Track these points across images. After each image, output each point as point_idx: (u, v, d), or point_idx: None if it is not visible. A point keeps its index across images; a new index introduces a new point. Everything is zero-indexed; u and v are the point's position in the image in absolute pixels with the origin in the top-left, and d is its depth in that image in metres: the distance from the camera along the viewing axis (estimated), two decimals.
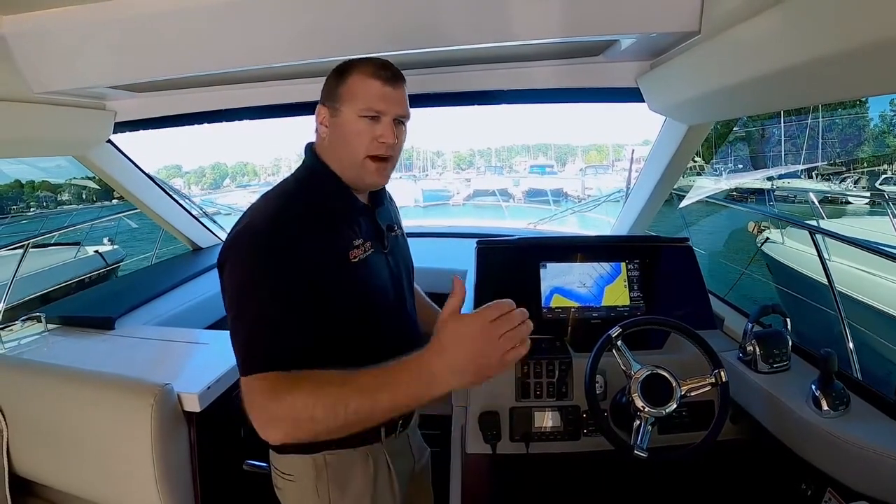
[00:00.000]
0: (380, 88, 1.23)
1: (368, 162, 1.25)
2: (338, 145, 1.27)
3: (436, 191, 21.31)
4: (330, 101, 1.26)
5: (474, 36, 1.68)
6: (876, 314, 5.45)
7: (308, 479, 1.35)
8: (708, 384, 1.49)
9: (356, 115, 1.23)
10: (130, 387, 1.62)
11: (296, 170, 1.35)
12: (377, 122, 1.24)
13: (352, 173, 1.29)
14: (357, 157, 1.25)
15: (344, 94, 1.24)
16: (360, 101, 1.22)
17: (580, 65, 2.11)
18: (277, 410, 1.04)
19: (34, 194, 42.52)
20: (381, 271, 1.35)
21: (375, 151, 1.25)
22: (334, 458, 1.35)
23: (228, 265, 1.16)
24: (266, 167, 69.05)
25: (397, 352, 1.24)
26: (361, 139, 1.23)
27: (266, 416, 1.05)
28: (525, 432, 1.73)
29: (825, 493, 1.45)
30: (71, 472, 1.74)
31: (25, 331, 2.27)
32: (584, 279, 1.97)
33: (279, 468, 1.40)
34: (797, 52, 1.16)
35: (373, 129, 1.23)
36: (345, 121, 1.24)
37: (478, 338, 0.99)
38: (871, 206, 14.05)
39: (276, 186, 1.31)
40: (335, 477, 1.35)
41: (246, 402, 1.07)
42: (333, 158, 1.29)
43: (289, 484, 1.39)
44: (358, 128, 1.23)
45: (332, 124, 1.27)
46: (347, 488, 1.37)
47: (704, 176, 18.84)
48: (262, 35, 1.74)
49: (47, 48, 1.82)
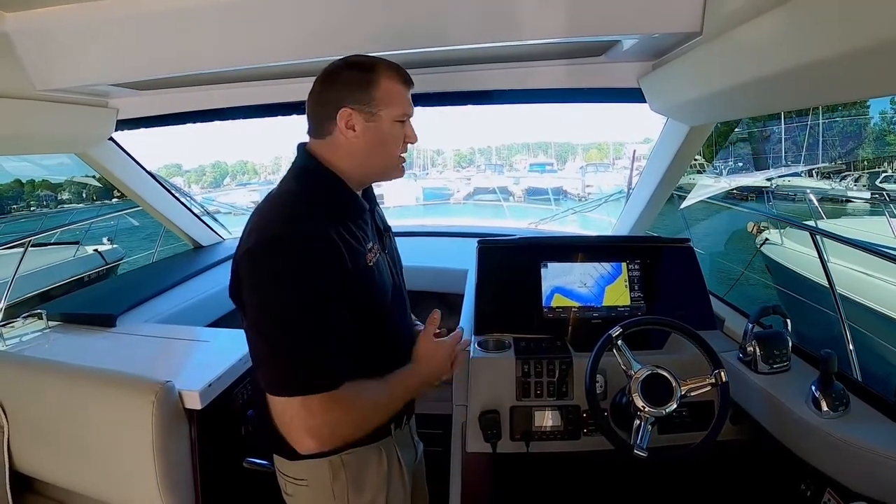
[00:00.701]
0: (407, 93, 1.30)
1: (400, 160, 1.34)
2: (371, 148, 1.27)
3: (436, 189, 21.27)
4: (362, 105, 1.24)
5: (477, 36, 1.69)
6: (874, 315, 5.45)
7: (323, 481, 1.35)
8: (708, 384, 1.49)
9: (393, 119, 1.26)
10: (132, 384, 1.62)
11: (295, 173, 1.31)
12: (404, 125, 1.31)
13: (377, 174, 1.34)
14: (392, 160, 1.32)
15: (380, 98, 1.24)
16: (397, 107, 1.26)
17: (582, 65, 2.12)
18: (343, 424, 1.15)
19: (34, 193, 42.51)
20: (386, 273, 1.35)
21: (404, 152, 1.34)
22: (351, 457, 1.35)
23: (253, 279, 1.14)
24: (266, 165, 68.95)
25: (398, 350, 1.31)
26: (397, 142, 1.30)
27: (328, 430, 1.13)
28: (525, 431, 1.73)
29: (824, 493, 1.46)
30: (72, 469, 1.74)
31: (27, 328, 2.27)
32: (584, 279, 1.97)
33: (290, 475, 1.39)
34: (799, 53, 1.16)
35: (403, 132, 1.31)
36: (383, 125, 1.26)
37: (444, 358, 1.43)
38: (872, 206, 14.05)
39: (282, 192, 1.27)
40: (353, 475, 1.35)
41: (297, 419, 1.10)
42: (355, 161, 1.28)
43: (301, 489, 1.38)
44: (395, 132, 1.28)
45: (366, 128, 1.25)
46: (365, 485, 1.37)
47: (705, 174, 18.82)
48: (265, 34, 1.74)
49: (50, 45, 1.82)
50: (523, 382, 1.74)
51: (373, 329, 1.30)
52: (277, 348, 1.11)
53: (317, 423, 1.09)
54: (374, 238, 1.33)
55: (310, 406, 1.09)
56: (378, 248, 1.33)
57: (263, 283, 1.12)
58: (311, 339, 1.10)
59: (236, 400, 1.87)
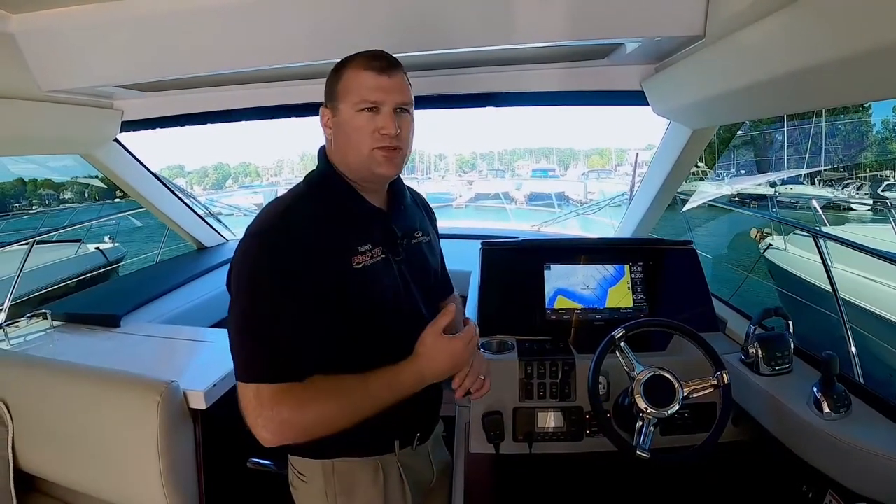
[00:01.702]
0: (374, 79, 1.20)
1: (377, 152, 1.22)
2: (342, 144, 1.24)
3: (438, 193, 21.29)
4: (330, 101, 1.25)
5: (481, 39, 1.70)
6: (876, 319, 5.45)
7: (319, 482, 1.35)
8: (710, 386, 1.49)
9: (353, 109, 1.20)
10: (136, 384, 1.63)
11: (308, 174, 1.33)
12: (377, 114, 1.20)
13: (361, 170, 1.25)
14: (363, 152, 1.22)
15: (340, 91, 1.22)
16: (354, 95, 1.20)
17: (585, 68, 2.13)
18: (296, 419, 1.10)
19: (37, 192, 42.56)
20: (389, 279, 1.31)
21: (380, 143, 1.21)
22: (342, 464, 1.34)
23: (235, 267, 1.16)
24: (269, 168, 69.08)
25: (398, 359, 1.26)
26: (363, 133, 1.20)
27: (275, 423, 1.09)
28: (528, 432, 1.74)
29: (826, 495, 1.46)
30: (76, 469, 1.74)
31: (31, 327, 2.28)
32: (587, 281, 1.98)
33: (296, 468, 1.40)
34: (802, 56, 1.17)
35: (374, 122, 1.20)
36: (344, 118, 1.21)
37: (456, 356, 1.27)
38: (874, 213, 14.04)
39: (288, 191, 1.30)
40: (342, 483, 1.35)
41: (249, 407, 1.09)
42: (341, 159, 1.27)
43: (303, 484, 1.39)
44: (358, 123, 1.20)
45: (334, 124, 1.25)
46: (355, 496, 1.36)
47: (707, 181, 18.80)
48: (269, 36, 1.75)
49: (56, 47, 1.83)
50: (526, 384, 1.75)
51: (366, 334, 1.28)
52: (239, 335, 1.12)
53: (265, 413, 1.08)
54: (379, 242, 1.29)
55: (260, 395, 1.08)
56: (382, 252, 1.28)
57: (234, 274, 1.15)
58: (267, 330, 1.11)
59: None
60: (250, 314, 1.12)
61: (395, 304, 1.32)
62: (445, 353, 1.25)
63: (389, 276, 1.31)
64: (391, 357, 1.25)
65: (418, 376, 1.23)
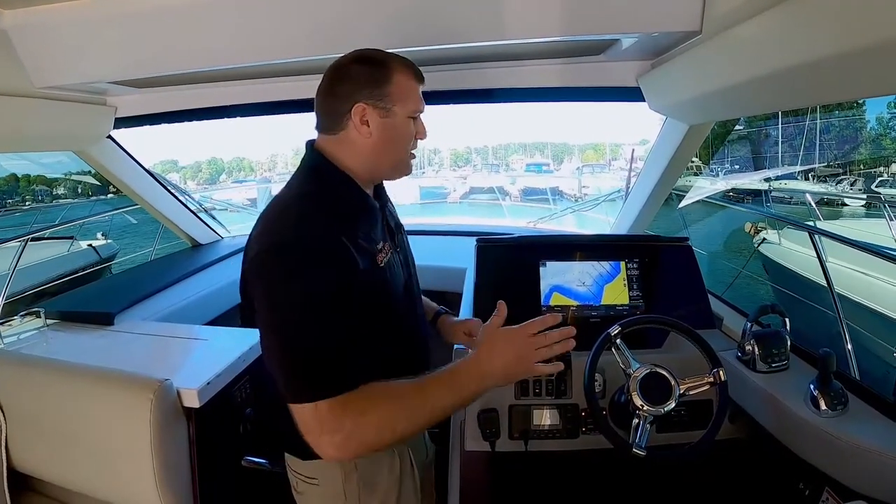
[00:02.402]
0: (419, 89, 1.27)
1: (409, 158, 1.31)
2: (384, 145, 1.25)
3: (433, 188, 21.23)
4: (376, 101, 1.21)
5: (475, 34, 1.69)
6: (870, 314, 5.48)
7: (335, 481, 1.34)
8: (707, 383, 1.49)
9: (406, 116, 1.25)
10: (130, 382, 1.62)
11: (305, 172, 1.29)
12: (416, 121, 1.28)
13: (385, 172, 1.31)
14: (404, 156, 1.29)
15: (395, 93, 1.22)
16: (411, 104, 1.24)
17: (581, 63, 2.12)
18: (359, 429, 1.07)
19: (29, 188, 42.46)
20: (399, 272, 1.34)
21: (414, 149, 1.31)
22: (364, 459, 1.34)
23: (266, 282, 1.12)
24: (262, 163, 68.90)
25: (413, 350, 1.33)
26: (409, 138, 1.28)
27: (340, 436, 1.06)
28: (524, 430, 1.73)
29: (823, 492, 1.46)
30: (69, 468, 1.74)
31: (24, 325, 2.26)
32: (583, 278, 1.97)
33: (302, 473, 1.38)
34: (799, 51, 1.16)
35: (415, 129, 1.28)
36: (398, 122, 1.24)
37: (518, 347, 1.20)
38: (868, 209, 14.11)
39: (291, 194, 1.25)
40: (364, 477, 1.35)
41: (310, 426, 1.07)
42: (368, 158, 1.26)
43: (312, 488, 1.38)
44: (408, 129, 1.26)
45: (380, 124, 1.23)
46: (376, 487, 1.37)
47: (702, 177, 18.86)
48: (265, 32, 1.74)
49: (49, 43, 1.82)
50: (522, 381, 1.74)
51: (386, 329, 1.28)
52: (286, 352, 1.09)
53: (329, 428, 1.06)
54: (385, 237, 1.31)
55: (319, 412, 1.06)
56: (390, 246, 1.30)
57: (273, 289, 1.10)
58: (319, 343, 1.08)
59: (235, 398, 1.87)
60: (296, 333, 1.09)
61: (403, 298, 1.35)
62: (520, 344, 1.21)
63: (400, 269, 1.35)
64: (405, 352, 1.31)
65: (478, 375, 1.18)
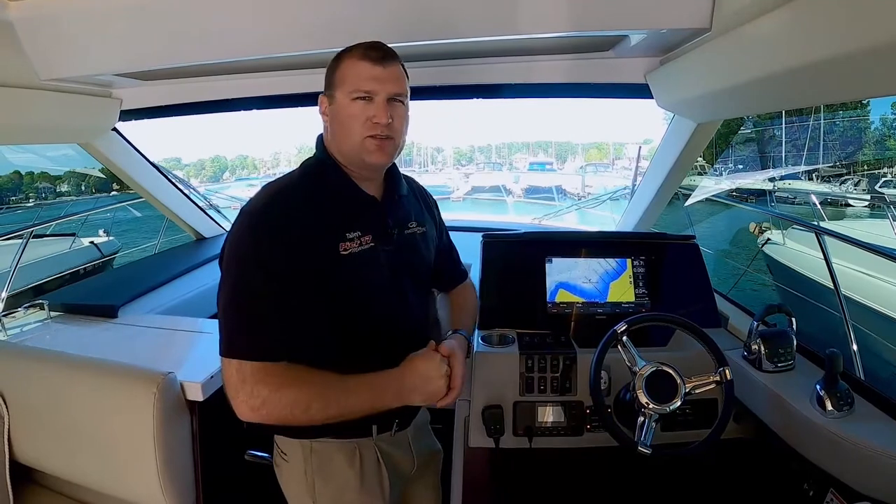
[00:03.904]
0: (369, 69, 1.23)
1: (368, 141, 1.25)
2: (337, 131, 1.28)
3: (436, 186, 21.21)
4: (327, 90, 1.29)
5: (484, 29, 1.68)
6: (876, 315, 5.46)
7: (298, 461, 1.39)
8: (713, 382, 1.48)
9: (348, 98, 1.23)
10: (133, 375, 1.62)
11: (304, 160, 1.36)
12: (370, 103, 1.23)
13: (354, 158, 1.28)
14: (355, 140, 1.25)
15: (337, 79, 1.26)
16: (349, 84, 1.23)
17: (589, 60, 2.11)
18: (274, 399, 1.12)
19: (33, 185, 42.55)
20: (377, 267, 1.32)
21: (371, 132, 1.24)
22: (320, 445, 1.37)
23: (226, 244, 1.20)
24: (266, 160, 69.03)
25: (394, 348, 1.31)
26: (356, 121, 1.24)
27: (257, 400, 1.12)
28: (528, 427, 1.73)
29: (827, 493, 1.45)
30: (72, 460, 1.73)
31: (28, 318, 2.26)
32: (589, 275, 1.97)
33: (280, 447, 1.44)
34: (808, 50, 1.15)
35: (367, 111, 1.23)
36: (339, 106, 1.25)
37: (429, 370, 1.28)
38: (872, 209, 14.09)
39: (284, 175, 1.33)
40: (318, 464, 1.38)
41: (231, 382, 1.13)
42: (337, 147, 1.30)
43: (284, 463, 1.43)
44: (352, 111, 1.23)
45: (330, 112, 1.28)
46: (331, 477, 1.39)
47: (706, 176, 18.83)
48: (272, 24, 1.73)
49: (54, 35, 1.81)
50: (527, 378, 1.74)
51: (347, 321, 1.29)
52: (224, 311, 1.16)
53: (247, 390, 1.11)
54: (370, 230, 1.30)
55: (242, 371, 1.12)
56: (369, 240, 1.29)
57: (225, 251, 1.19)
58: (251, 308, 1.14)
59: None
60: (236, 291, 1.16)
61: (379, 293, 1.34)
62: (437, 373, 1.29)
63: (375, 266, 1.32)
64: (370, 347, 1.31)
65: (399, 388, 1.26)
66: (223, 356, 1.14)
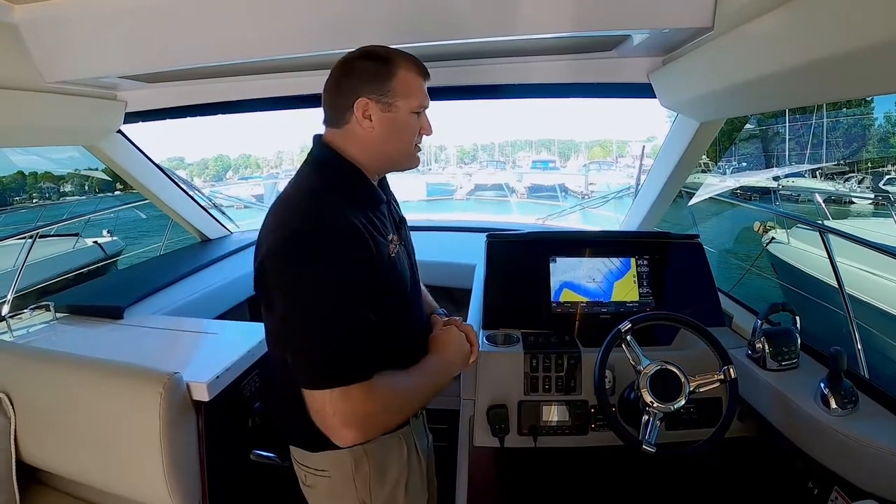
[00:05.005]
0: (424, 86, 1.30)
1: (416, 149, 1.35)
2: (387, 138, 1.27)
3: (439, 185, 21.14)
4: (379, 95, 1.24)
5: (486, 29, 1.68)
6: (880, 314, 5.45)
7: (345, 471, 1.35)
8: (717, 380, 1.49)
9: (410, 110, 1.27)
10: (139, 375, 1.62)
11: (313, 165, 1.31)
12: (421, 116, 1.32)
13: (392, 164, 1.34)
14: (407, 148, 1.32)
15: (397, 89, 1.24)
16: (414, 99, 1.27)
17: (592, 60, 2.11)
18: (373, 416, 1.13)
19: (36, 185, 42.63)
20: (405, 264, 1.36)
21: (419, 143, 1.35)
22: (374, 446, 1.35)
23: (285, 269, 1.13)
24: (269, 160, 69.08)
25: (417, 341, 1.36)
26: (412, 133, 1.31)
27: (356, 422, 1.09)
28: (533, 426, 1.73)
29: (832, 491, 1.45)
30: (78, 460, 1.74)
31: (34, 319, 2.27)
32: (593, 274, 1.97)
33: (311, 466, 1.38)
34: (812, 48, 1.15)
35: (420, 123, 1.31)
36: (400, 116, 1.26)
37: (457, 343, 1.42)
38: (876, 207, 14.05)
39: (301, 186, 1.27)
40: (376, 465, 1.36)
41: (326, 409, 1.09)
42: (377, 150, 1.29)
43: (322, 480, 1.38)
44: (411, 122, 1.29)
45: (382, 118, 1.25)
46: (387, 474, 1.38)
47: (710, 174, 18.79)
48: (277, 26, 1.73)
49: (59, 37, 1.82)
50: (531, 377, 1.75)
51: (395, 320, 1.30)
52: (313, 342, 1.10)
53: (358, 413, 1.09)
54: (392, 229, 1.33)
55: (350, 396, 1.08)
56: (397, 239, 1.32)
57: (293, 279, 1.12)
58: (345, 331, 1.11)
59: (244, 392, 1.87)
60: (317, 321, 1.11)
61: (411, 291, 1.39)
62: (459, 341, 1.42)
63: (406, 261, 1.37)
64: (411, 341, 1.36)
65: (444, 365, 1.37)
66: (318, 388, 1.09)
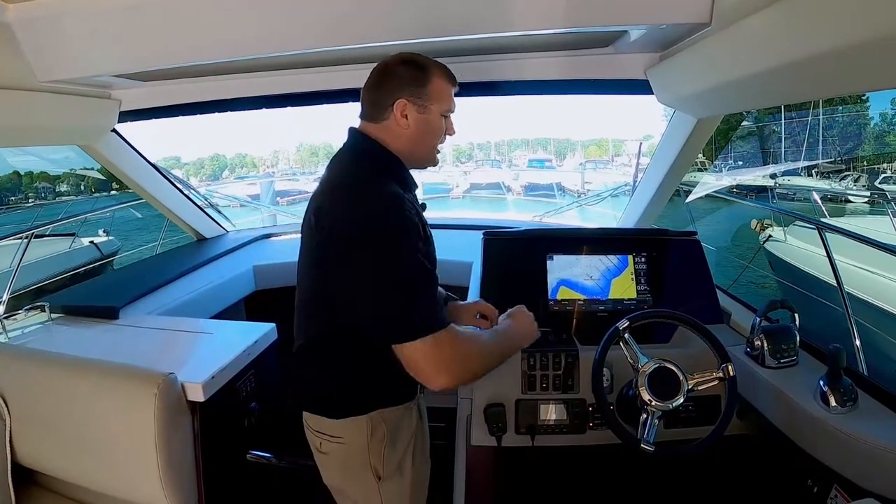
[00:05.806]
0: (452, 92, 1.47)
1: (436, 152, 1.52)
2: (419, 136, 1.43)
3: (435, 183, 21.10)
4: (416, 98, 1.40)
5: (482, 26, 1.68)
6: (877, 312, 5.46)
7: (360, 438, 1.42)
8: (716, 378, 1.48)
9: (440, 113, 1.44)
10: (134, 375, 1.61)
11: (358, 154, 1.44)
12: (447, 119, 1.48)
13: (418, 160, 1.49)
14: (432, 147, 1.49)
15: (432, 94, 1.41)
16: (445, 103, 1.44)
17: (588, 56, 2.10)
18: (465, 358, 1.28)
19: (32, 185, 42.57)
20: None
21: (442, 143, 1.51)
22: (389, 413, 1.44)
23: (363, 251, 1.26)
24: (265, 159, 68.95)
25: None
26: (440, 133, 1.48)
27: (454, 363, 1.24)
28: (530, 425, 1.73)
29: (831, 489, 1.45)
30: (74, 462, 1.73)
31: (29, 320, 2.26)
32: (590, 272, 1.96)
33: (328, 432, 1.45)
34: (809, 44, 1.15)
35: (445, 125, 1.48)
36: (432, 118, 1.43)
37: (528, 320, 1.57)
38: (872, 205, 14.08)
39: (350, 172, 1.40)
40: (390, 431, 1.44)
41: (428, 359, 1.22)
42: (409, 147, 1.44)
43: (336, 446, 1.45)
44: (440, 124, 1.46)
45: (417, 119, 1.41)
46: (398, 441, 1.47)
47: (707, 172, 18.81)
48: (271, 24, 1.73)
49: (53, 36, 1.81)
50: (529, 376, 1.74)
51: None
52: (406, 300, 1.24)
53: (446, 357, 1.22)
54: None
55: (440, 342, 1.21)
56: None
57: (375, 252, 1.25)
58: (427, 288, 1.27)
59: (240, 392, 1.86)
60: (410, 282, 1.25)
61: None
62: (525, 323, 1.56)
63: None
64: None
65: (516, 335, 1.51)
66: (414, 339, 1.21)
